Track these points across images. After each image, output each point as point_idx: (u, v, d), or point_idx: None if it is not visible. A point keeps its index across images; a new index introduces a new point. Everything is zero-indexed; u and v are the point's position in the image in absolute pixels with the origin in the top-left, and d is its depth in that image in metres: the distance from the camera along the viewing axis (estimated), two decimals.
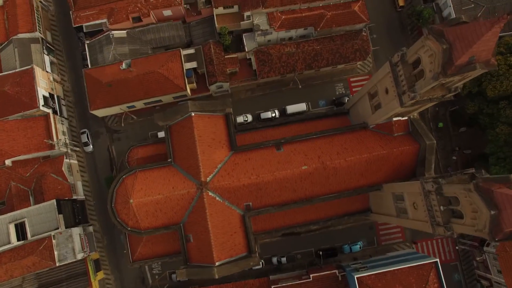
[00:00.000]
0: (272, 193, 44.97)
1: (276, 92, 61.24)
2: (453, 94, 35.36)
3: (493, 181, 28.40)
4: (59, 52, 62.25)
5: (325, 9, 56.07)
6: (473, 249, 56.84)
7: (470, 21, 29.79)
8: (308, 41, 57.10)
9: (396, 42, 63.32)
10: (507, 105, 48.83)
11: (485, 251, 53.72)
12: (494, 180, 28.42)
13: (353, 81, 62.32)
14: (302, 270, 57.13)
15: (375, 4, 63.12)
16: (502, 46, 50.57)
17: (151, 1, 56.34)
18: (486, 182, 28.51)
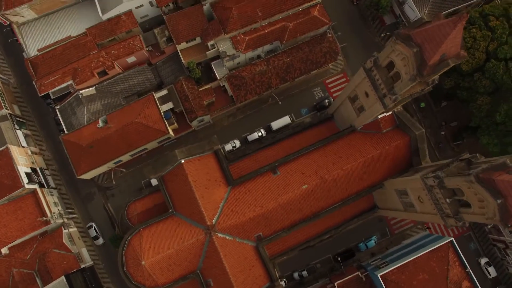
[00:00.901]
0: (279, 218, 44.83)
1: (257, 112, 61.03)
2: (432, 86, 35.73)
3: (492, 169, 28.86)
4: (31, 122, 60.52)
5: (286, 20, 56.06)
6: None
7: (433, 20, 30.17)
8: (277, 55, 57.03)
9: (361, 35, 64.05)
10: (481, 76, 49.82)
11: None
12: (492, 168, 28.88)
13: (329, 83, 62.64)
14: (325, 279, 57.19)
15: (332, 3, 63.47)
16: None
17: (112, 52, 55.29)
18: (486, 172, 28.94)
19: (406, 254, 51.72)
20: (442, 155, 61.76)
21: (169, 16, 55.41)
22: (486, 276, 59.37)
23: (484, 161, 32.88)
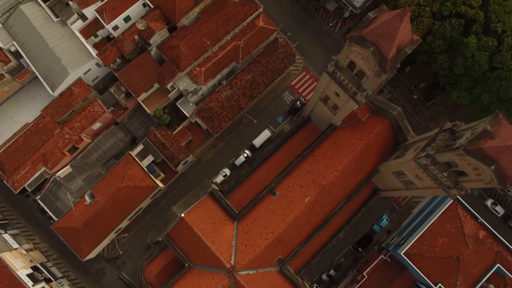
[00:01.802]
0: (293, 236, 44.95)
1: (236, 135, 60.69)
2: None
3: (476, 138, 29.67)
4: (15, 220, 58.11)
5: (235, 40, 55.71)
6: None
7: (378, 15, 30.61)
8: (237, 76, 56.70)
9: (310, 28, 64.49)
10: (433, 38, 51.11)
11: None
12: (476, 137, 29.68)
13: (295, 84, 62.89)
14: (352, 271, 57.87)
15: (273, 7, 63.49)
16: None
17: (75, 125, 53.63)
18: (472, 143, 29.75)
19: (420, 224, 52.97)
20: (421, 118, 63.33)
21: (120, 72, 54.12)
22: (496, 215, 61.54)
23: (465, 127, 33.80)
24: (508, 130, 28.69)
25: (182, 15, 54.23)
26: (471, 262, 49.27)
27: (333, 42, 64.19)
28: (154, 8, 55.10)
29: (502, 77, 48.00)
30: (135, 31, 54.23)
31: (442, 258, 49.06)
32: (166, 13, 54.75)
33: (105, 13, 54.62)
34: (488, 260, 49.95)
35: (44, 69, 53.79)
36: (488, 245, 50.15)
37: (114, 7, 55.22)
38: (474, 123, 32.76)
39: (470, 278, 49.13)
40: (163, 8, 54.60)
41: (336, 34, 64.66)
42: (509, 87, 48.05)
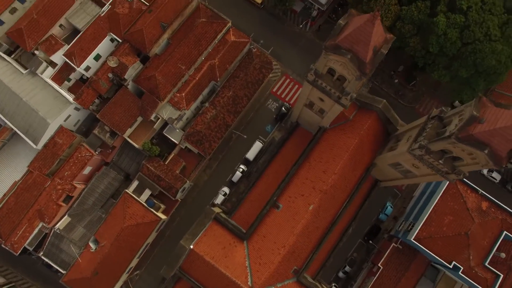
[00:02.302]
0: (304, 245, 45.00)
1: (228, 152, 60.39)
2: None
3: (465, 125, 30.05)
4: (22, 281, 56.65)
5: (209, 59, 55.34)
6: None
7: (349, 21, 30.72)
8: (219, 94, 56.34)
9: (282, 32, 64.48)
10: (402, 23, 51.70)
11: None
12: (465, 124, 30.05)
13: (277, 90, 62.86)
14: (367, 263, 58.36)
15: (241, 18, 63.27)
16: None
17: (66, 174, 52.55)
18: (462, 130, 30.15)
19: (424, 206, 53.60)
20: (405, 100, 64.05)
21: (101, 113, 53.28)
22: (493, 181, 62.77)
23: (452, 113, 34.21)
24: (493, 112, 29.16)
25: (152, 44, 53.61)
26: (479, 235, 50.14)
27: (306, 42, 64.38)
28: (123, 42, 54.30)
29: (476, 50, 48.78)
30: (108, 69, 53.38)
31: (451, 236, 49.78)
32: (136, 45, 54.04)
33: (74, 56, 53.67)
34: (495, 229, 50.90)
35: (23, 124, 52.56)
36: (493, 215, 51.10)
37: (82, 48, 54.29)
38: (460, 108, 33.19)
39: (481, 250, 50.00)
40: (132, 40, 53.85)
41: (308, 33, 64.81)
42: (483, 58, 48.86)
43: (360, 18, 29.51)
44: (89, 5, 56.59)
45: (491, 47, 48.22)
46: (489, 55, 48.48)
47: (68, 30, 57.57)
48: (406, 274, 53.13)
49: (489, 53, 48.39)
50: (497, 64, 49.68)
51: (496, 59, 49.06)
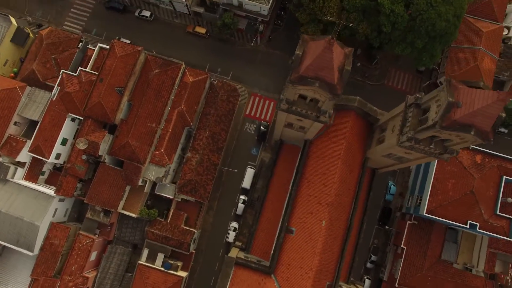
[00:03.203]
0: (329, 259, 45.34)
1: (223, 188, 59.74)
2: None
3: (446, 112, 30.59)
4: None
5: (175, 107, 54.23)
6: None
7: (306, 49, 30.56)
8: (196, 137, 55.48)
9: (235, 54, 63.93)
10: (347, 14, 52.13)
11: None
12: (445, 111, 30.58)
13: (249, 112, 62.41)
14: (389, 247, 59.32)
15: (189, 54, 62.43)
16: None
17: (73, 269, 50.71)
18: (445, 118, 30.69)
19: (425, 177, 54.70)
20: (373, 80, 64.97)
21: (88, 196, 51.61)
22: None
23: (428, 98, 34.76)
24: (467, 93, 29.75)
25: (114, 112, 52.12)
26: (483, 188, 51.69)
27: (262, 56, 64.13)
28: (85, 119, 52.59)
29: (424, 19, 49.76)
30: (79, 151, 51.62)
31: (459, 198, 51.08)
32: (99, 118, 52.44)
33: (40, 150, 51.70)
34: (495, 177, 52.57)
35: (11, 235, 50.24)
36: (488, 165, 52.73)
37: (46, 138, 52.32)
38: (434, 93, 33.74)
39: (489, 201, 51.59)
40: (93, 114, 52.20)
41: (261, 47, 64.54)
42: (433, 24, 49.97)
43: (316, 44, 29.39)
44: (38, 94, 54.37)
45: (436, 12, 49.30)
46: (437, 19, 49.60)
47: (24, 124, 55.25)
48: (429, 246, 54.31)
49: (436, 18, 49.49)
50: (447, 24, 50.94)
51: (445, 21, 50.26)
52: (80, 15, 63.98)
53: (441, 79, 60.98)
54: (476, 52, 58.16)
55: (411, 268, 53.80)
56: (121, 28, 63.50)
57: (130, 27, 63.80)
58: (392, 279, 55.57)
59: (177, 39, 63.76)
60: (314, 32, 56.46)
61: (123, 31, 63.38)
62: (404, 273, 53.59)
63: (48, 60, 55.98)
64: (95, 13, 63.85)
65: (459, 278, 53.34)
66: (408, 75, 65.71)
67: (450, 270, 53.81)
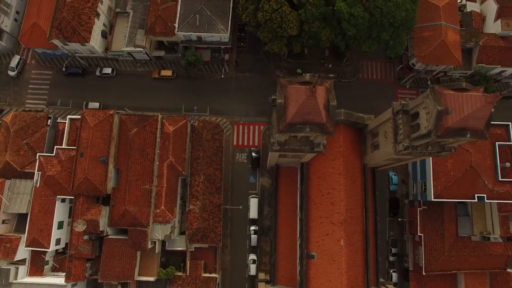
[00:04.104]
0: (355, 272, 45.39)
1: (232, 224, 58.92)
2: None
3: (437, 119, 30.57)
4: None
5: (163, 160, 52.76)
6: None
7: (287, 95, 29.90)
8: (192, 184, 54.13)
9: (207, 88, 63.03)
10: (308, 25, 51.69)
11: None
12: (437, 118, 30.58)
13: (237, 142, 61.57)
14: (405, 235, 59.89)
15: (161, 100, 61.15)
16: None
17: None
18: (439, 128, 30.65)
19: (423, 162, 55.16)
20: (348, 77, 64.96)
21: (100, 275, 49.94)
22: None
23: (415, 104, 34.74)
24: (453, 98, 29.77)
25: (104, 183, 50.47)
26: (480, 159, 52.57)
27: (235, 82, 63.21)
28: (76, 198, 50.76)
29: (384, 13, 49.76)
30: (80, 232, 49.84)
31: (461, 176, 51.83)
32: (90, 193, 50.72)
33: (38, 242, 49.69)
34: (488, 145, 53.51)
35: None
36: None
37: (40, 228, 50.39)
38: (419, 99, 33.70)
39: (489, 171, 52.58)
40: (83, 191, 50.45)
41: (230, 73, 63.56)
42: (394, 16, 50.04)
43: (297, 91, 28.78)
44: (19, 185, 52.27)
45: (394, 3, 49.35)
46: (397, 10, 49.71)
47: (13, 219, 53.17)
48: (445, 227, 54.96)
49: (396, 10, 49.59)
50: (407, 12, 51.13)
51: (404, 10, 50.43)
52: (40, 89, 61.42)
53: (413, 61, 61.43)
54: (438, 27, 58.71)
55: (433, 253, 54.42)
56: (85, 92, 61.36)
57: (94, 88, 61.71)
58: (418, 267, 56.16)
59: (145, 87, 62.07)
60: (280, 49, 55.95)
61: (88, 94, 61.29)
62: (427, 260, 54.15)
63: (20, 147, 53.61)
64: (56, 83, 61.42)
65: (480, 250, 54.30)
66: (380, 63, 66.01)
67: (470, 245, 54.68)
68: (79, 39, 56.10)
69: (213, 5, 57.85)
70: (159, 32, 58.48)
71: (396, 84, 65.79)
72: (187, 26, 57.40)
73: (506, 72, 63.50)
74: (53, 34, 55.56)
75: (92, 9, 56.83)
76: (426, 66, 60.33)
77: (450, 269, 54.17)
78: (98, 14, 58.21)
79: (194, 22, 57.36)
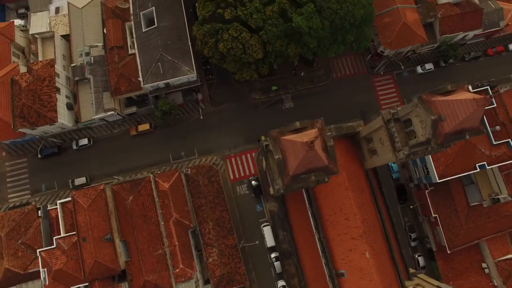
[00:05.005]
0: (389, 278, 45.50)
1: (253, 259, 58.00)
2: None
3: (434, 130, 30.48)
4: None
5: (168, 218, 51.37)
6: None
7: (284, 148, 29.15)
8: (203, 233, 53.03)
9: (188, 130, 61.80)
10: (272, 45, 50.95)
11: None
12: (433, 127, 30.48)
13: (233, 176, 60.52)
14: (421, 218, 60.58)
15: (147, 155, 59.48)
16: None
17: None
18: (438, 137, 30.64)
19: None
20: (321, 80, 64.66)
21: None
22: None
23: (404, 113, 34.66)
24: (444, 105, 29.70)
25: (116, 260, 48.74)
26: None
27: (214, 117, 62.10)
28: (91, 283, 48.91)
29: (343, 16, 49.32)
30: None
31: (458, 150, 52.42)
32: (104, 275, 48.96)
33: None
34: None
35: None
36: None
37: None
38: (408, 108, 33.54)
39: (482, 138, 53.19)
40: (97, 275, 48.62)
41: (207, 109, 62.31)
42: (353, 16, 49.75)
43: (293, 144, 28.06)
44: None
45: (350, 3, 48.98)
46: (355, 10, 49.43)
47: None
48: (456, 201, 55.63)
49: (353, 9, 49.31)
50: (364, 8, 50.95)
51: (361, 7, 50.22)
52: (19, 180, 58.64)
53: (381, 48, 61.54)
54: (396, 11, 58.91)
55: (452, 230, 55.17)
56: (67, 169, 58.99)
57: (75, 163, 59.39)
58: (440, 246, 56.94)
59: (127, 147, 60.16)
60: (250, 75, 55.09)
61: (71, 170, 58.95)
62: (448, 238, 54.92)
63: (16, 249, 51.11)
64: (34, 169, 58.76)
65: (494, 214, 55.38)
66: (350, 58, 66.01)
67: (484, 211, 55.66)
68: (46, 121, 53.65)
69: (171, 48, 56.23)
70: (125, 90, 56.58)
71: (371, 74, 65.98)
72: (152, 77, 55.70)
73: (468, 36, 64.56)
74: (17, 124, 52.93)
75: (51, 86, 54.33)
76: (395, 50, 60.58)
77: (471, 240, 55.08)
78: (58, 89, 55.74)
79: (158, 70, 55.67)
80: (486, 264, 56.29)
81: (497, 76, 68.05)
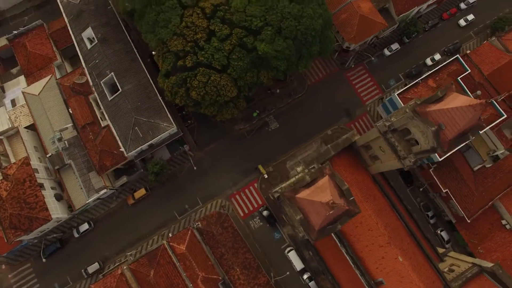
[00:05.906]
0: (426, 272, 45.89)
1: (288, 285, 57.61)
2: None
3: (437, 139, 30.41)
4: None
5: (194, 278, 50.14)
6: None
7: (307, 209, 28.43)
8: (233, 281, 52.08)
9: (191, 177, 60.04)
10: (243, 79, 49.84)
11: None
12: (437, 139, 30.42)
13: (243, 212, 59.50)
14: (432, 194, 61.48)
15: (151, 220, 57.72)
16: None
17: None
18: (442, 144, 30.57)
19: None
20: (300, 91, 64.26)
21: None
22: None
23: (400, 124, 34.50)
24: (442, 114, 29.67)
25: None
26: None
27: (205, 161, 60.72)
28: None
29: (303, 31, 48.45)
30: None
31: None
32: None
33: None
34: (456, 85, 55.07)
35: None
36: (444, 79, 55.08)
37: None
38: (402, 120, 33.38)
39: None
40: None
41: (197, 155, 60.79)
42: (313, 29, 49.06)
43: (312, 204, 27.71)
44: None
45: (308, 17, 48.26)
46: (313, 22, 48.87)
47: None
48: (460, 172, 56.59)
49: (311, 22, 48.72)
50: (322, 17, 50.47)
51: (319, 17, 49.74)
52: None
53: (346, 44, 61.38)
54: (350, 5, 58.80)
55: (465, 199, 56.13)
56: (76, 259, 56.45)
57: (82, 251, 56.88)
58: (459, 217, 58.02)
59: (129, 217, 58.19)
60: (232, 114, 54.01)
61: (80, 260, 56.24)
62: (464, 208, 55.86)
63: None
64: (40, 271, 55.88)
65: (499, 172, 56.70)
66: (319, 61, 65.87)
67: (488, 172, 56.89)
68: (40, 223, 51.10)
69: (143, 109, 54.38)
70: (110, 165, 54.50)
71: (343, 70, 65.93)
72: (133, 143, 53.77)
73: (422, 8, 65.34)
74: (11, 236, 50.17)
75: (33, 186, 51.66)
76: (361, 42, 60.63)
77: (486, 203, 56.22)
78: (42, 184, 53.13)
79: (137, 135, 53.79)
80: (505, 221, 57.70)
81: (459, 37, 69.30)
